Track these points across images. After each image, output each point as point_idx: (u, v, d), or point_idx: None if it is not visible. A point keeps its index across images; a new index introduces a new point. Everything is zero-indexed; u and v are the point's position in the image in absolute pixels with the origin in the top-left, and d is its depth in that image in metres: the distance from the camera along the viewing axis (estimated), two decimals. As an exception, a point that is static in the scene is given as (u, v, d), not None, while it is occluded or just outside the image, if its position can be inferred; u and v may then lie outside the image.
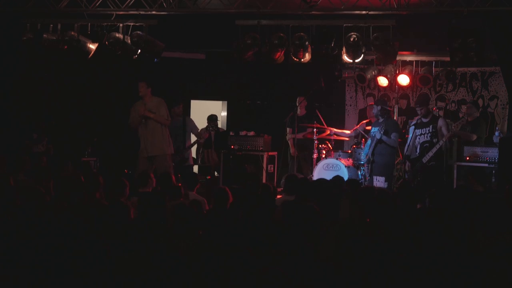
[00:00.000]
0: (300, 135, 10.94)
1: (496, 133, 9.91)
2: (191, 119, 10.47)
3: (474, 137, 9.96)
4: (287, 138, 11.18)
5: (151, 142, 9.35)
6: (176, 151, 10.10)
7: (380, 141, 9.60)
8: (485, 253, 4.12)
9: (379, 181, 9.53)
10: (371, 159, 9.71)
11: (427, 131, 9.29)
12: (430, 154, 9.13)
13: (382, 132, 9.53)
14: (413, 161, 9.37)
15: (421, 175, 9.15)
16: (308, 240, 4.41)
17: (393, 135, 9.63)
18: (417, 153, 9.35)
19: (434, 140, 9.18)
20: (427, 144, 9.22)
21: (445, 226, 4.91)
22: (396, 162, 10.29)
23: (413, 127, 9.41)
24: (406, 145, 9.51)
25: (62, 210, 5.03)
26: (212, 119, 11.70)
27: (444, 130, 9.20)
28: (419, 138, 9.36)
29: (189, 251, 3.96)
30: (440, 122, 9.31)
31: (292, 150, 11.11)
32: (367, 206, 5.73)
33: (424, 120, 9.38)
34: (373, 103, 11.07)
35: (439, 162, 9.15)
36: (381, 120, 9.88)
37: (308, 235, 4.45)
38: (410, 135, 9.45)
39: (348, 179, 8.56)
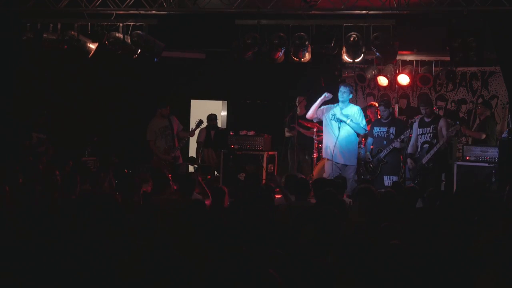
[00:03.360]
0: (301, 130, 10.86)
1: (506, 132, 9.88)
2: (174, 118, 10.46)
3: (483, 135, 9.93)
4: (286, 135, 11.13)
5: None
6: (168, 150, 10.14)
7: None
8: (485, 253, 4.12)
9: (392, 181, 9.51)
10: (384, 160, 9.69)
11: (428, 131, 9.17)
12: (429, 155, 9.04)
13: (399, 141, 9.53)
14: (415, 160, 9.31)
15: (420, 176, 9.10)
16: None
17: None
18: (418, 153, 9.28)
19: (434, 141, 9.08)
20: (427, 145, 9.11)
21: (445, 226, 4.91)
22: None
23: (416, 124, 9.34)
24: (410, 143, 9.43)
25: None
26: (211, 118, 11.67)
27: (444, 130, 9.07)
28: (420, 138, 9.26)
29: (188, 251, 3.95)
30: (441, 123, 9.17)
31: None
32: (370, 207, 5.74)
33: (427, 119, 9.27)
34: (374, 103, 11.04)
35: (438, 163, 9.08)
36: (385, 121, 9.87)
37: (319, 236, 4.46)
38: (414, 133, 9.36)
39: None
